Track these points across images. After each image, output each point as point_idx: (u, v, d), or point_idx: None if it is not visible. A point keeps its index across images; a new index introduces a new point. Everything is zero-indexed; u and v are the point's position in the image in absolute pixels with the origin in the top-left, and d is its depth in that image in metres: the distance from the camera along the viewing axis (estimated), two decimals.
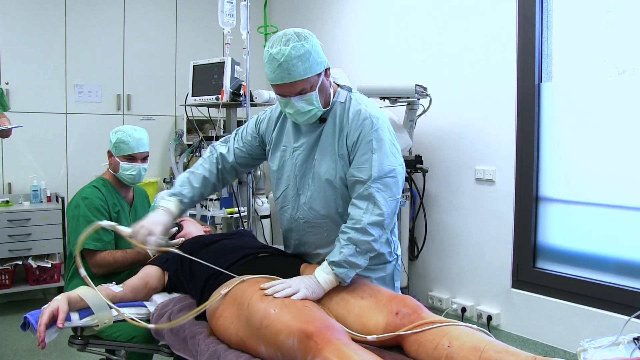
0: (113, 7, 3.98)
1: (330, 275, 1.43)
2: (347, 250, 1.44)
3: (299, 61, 1.42)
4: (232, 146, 1.78)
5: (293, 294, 1.33)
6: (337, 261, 1.43)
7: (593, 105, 2.69)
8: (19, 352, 2.73)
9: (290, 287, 1.35)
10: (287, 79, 1.44)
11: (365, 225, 1.44)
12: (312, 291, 1.39)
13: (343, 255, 1.43)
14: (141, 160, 2.11)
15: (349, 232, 1.46)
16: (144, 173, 2.14)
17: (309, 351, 1.14)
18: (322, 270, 1.44)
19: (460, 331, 1.24)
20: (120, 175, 2.10)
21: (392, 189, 1.49)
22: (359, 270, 1.48)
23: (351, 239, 1.45)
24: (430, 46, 3.35)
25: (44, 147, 3.72)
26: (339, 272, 1.43)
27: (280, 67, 1.43)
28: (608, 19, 2.64)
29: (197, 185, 1.71)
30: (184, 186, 1.70)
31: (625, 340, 1.21)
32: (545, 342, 2.82)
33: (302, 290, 1.36)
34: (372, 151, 1.49)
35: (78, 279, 1.98)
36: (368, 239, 1.45)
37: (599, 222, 2.68)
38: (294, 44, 1.42)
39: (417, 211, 3.41)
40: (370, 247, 1.46)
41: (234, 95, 2.86)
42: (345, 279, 1.44)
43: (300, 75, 1.44)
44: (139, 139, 2.08)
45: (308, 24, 4.22)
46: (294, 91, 1.48)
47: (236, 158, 1.77)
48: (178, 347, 1.49)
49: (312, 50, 1.45)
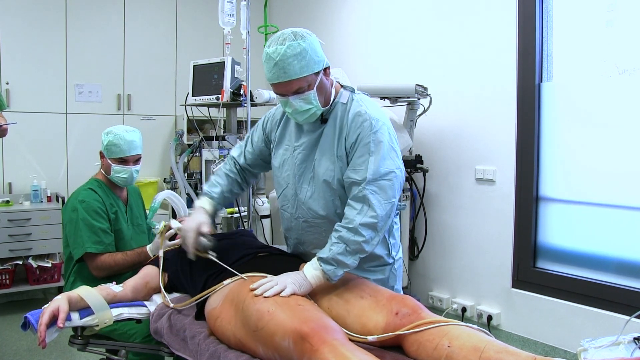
0: (113, 7, 3.98)
1: (318, 271, 1.44)
2: (337, 248, 1.44)
3: (295, 60, 1.42)
4: (244, 150, 1.84)
5: (281, 290, 1.34)
6: (326, 258, 1.44)
7: (593, 105, 2.69)
8: (19, 352, 2.73)
9: (278, 285, 1.35)
10: (283, 78, 1.45)
11: (357, 225, 1.44)
12: (300, 285, 1.40)
13: (332, 253, 1.43)
14: (133, 163, 2.07)
15: (341, 230, 1.46)
16: (136, 175, 2.11)
17: (305, 352, 1.14)
18: (311, 265, 1.45)
19: (461, 331, 1.24)
20: (112, 177, 2.07)
21: (387, 191, 1.48)
22: (351, 271, 1.48)
23: (342, 237, 1.45)
24: (430, 46, 3.35)
25: (44, 147, 3.72)
26: (326, 269, 1.43)
27: (276, 65, 1.44)
28: (608, 18, 2.64)
29: (222, 182, 1.81)
30: (211, 187, 1.80)
31: (625, 340, 1.21)
32: (546, 342, 2.82)
33: (289, 286, 1.36)
34: (369, 153, 1.49)
35: (79, 282, 1.97)
36: (359, 239, 1.44)
37: (599, 222, 2.68)
38: (290, 43, 1.43)
39: (417, 211, 3.41)
40: (360, 248, 1.45)
41: (234, 95, 2.86)
42: (332, 277, 1.44)
43: (296, 73, 1.44)
44: (130, 142, 2.04)
45: (308, 23, 4.22)
46: (290, 90, 1.48)
47: (247, 160, 1.82)
48: (178, 347, 1.49)
49: (309, 48, 1.45)
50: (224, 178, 1.82)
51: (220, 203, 1.80)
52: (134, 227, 2.18)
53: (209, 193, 1.79)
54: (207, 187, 1.82)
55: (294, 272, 1.45)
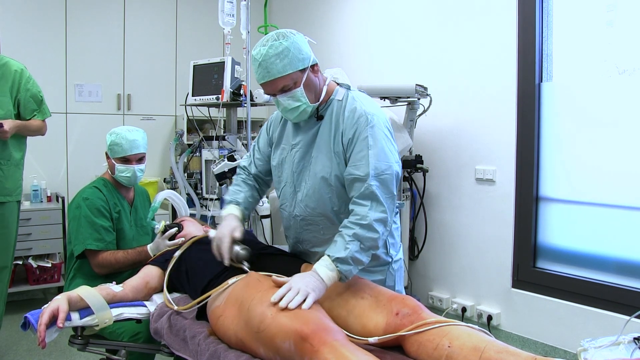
0: (113, 7, 3.98)
1: (334, 272, 1.38)
2: (353, 246, 1.40)
3: (277, 59, 1.45)
4: (253, 158, 1.84)
5: (303, 300, 1.27)
6: (344, 257, 1.38)
7: (593, 105, 2.69)
8: (19, 352, 2.73)
9: (299, 294, 1.28)
10: (267, 77, 1.48)
11: (371, 221, 1.42)
12: (319, 291, 1.34)
13: (349, 252, 1.39)
14: (136, 162, 2.09)
15: (354, 227, 1.42)
16: (140, 174, 2.13)
17: (305, 353, 1.13)
18: (325, 267, 1.38)
19: (461, 331, 1.24)
20: (117, 177, 2.09)
21: (389, 186, 1.49)
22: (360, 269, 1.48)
23: (357, 235, 1.41)
24: (430, 46, 3.35)
25: (44, 147, 3.70)
26: (343, 269, 1.39)
27: (260, 66, 1.48)
28: (608, 18, 2.64)
29: (242, 189, 1.80)
30: (233, 195, 1.78)
31: (625, 340, 1.21)
32: (546, 342, 2.82)
33: (310, 295, 1.29)
34: (368, 148, 1.48)
35: (79, 279, 1.99)
36: (374, 235, 1.43)
37: (599, 222, 2.68)
38: (272, 43, 1.46)
39: (417, 211, 3.40)
40: (374, 244, 1.44)
41: (234, 95, 2.86)
42: (349, 276, 1.41)
43: (279, 72, 1.46)
44: (132, 141, 2.06)
45: (308, 23, 4.23)
46: (277, 88, 1.50)
47: (257, 167, 1.82)
48: (178, 347, 1.49)
49: (292, 47, 1.46)
50: (243, 185, 1.81)
51: (247, 207, 1.78)
52: (137, 228, 2.19)
53: (234, 200, 1.76)
54: (229, 196, 1.79)
55: (307, 275, 1.36)
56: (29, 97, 2.54)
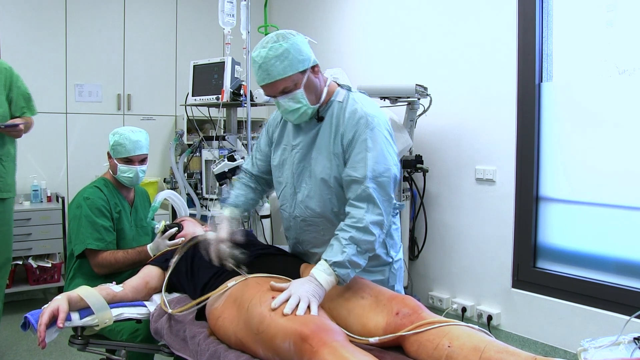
0: (113, 7, 3.98)
1: (332, 277, 1.38)
2: (350, 250, 1.40)
3: (277, 61, 1.44)
4: (254, 159, 1.84)
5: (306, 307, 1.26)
6: (341, 261, 1.38)
7: (593, 105, 2.69)
8: (19, 352, 2.72)
9: (301, 301, 1.27)
10: (267, 80, 1.47)
11: (367, 224, 1.42)
12: (320, 298, 1.34)
13: (346, 255, 1.39)
14: (139, 163, 2.09)
15: (350, 231, 1.42)
16: (142, 175, 2.13)
17: (305, 354, 1.13)
18: (323, 271, 1.38)
19: (461, 331, 1.23)
20: (119, 177, 2.10)
21: (387, 189, 1.48)
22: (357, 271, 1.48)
23: (353, 238, 1.41)
24: (430, 46, 3.35)
25: (44, 147, 3.71)
26: (341, 273, 1.39)
27: (260, 68, 1.47)
28: (608, 18, 2.64)
29: (239, 191, 1.82)
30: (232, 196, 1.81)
31: (625, 340, 1.21)
32: (546, 342, 2.82)
33: (312, 302, 1.29)
34: (367, 150, 1.48)
35: (79, 278, 1.99)
36: (370, 238, 1.43)
37: (600, 222, 2.68)
38: (272, 45, 1.45)
39: (417, 211, 3.40)
40: (371, 247, 1.44)
41: (234, 95, 2.86)
42: (347, 280, 1.41)
43: (280, 74, 1.46)
44: (136, 142, 2.06)
45: (308, 23, 4.23)
46: (277, 90, 1.50)
47: (259, 168, 1.82)
48: (178, 347, 1.49)
49: (292, 48, 1.46)
50: (243, 187, 1.83)
51: (246, 209, 1.81)
52: (137, 229, 2.19)
53: (233, 202, 1.79)
54: (229, 198, 1.82)
55: (305, 281, 1.35)
56: (20, 94, 2.57)
